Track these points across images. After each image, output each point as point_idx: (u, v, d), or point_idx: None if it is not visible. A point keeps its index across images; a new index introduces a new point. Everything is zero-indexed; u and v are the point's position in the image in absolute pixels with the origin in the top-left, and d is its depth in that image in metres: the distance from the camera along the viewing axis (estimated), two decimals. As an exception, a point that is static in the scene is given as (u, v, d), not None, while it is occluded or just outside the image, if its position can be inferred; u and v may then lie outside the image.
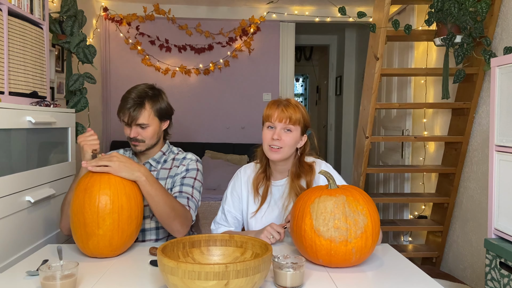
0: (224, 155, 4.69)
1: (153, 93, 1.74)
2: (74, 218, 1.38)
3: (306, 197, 1.38)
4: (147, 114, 1.69)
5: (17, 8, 2.05)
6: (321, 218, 1.30)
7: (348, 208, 1.30)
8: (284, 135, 1.57)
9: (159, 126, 1.75)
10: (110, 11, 4.67)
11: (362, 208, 1.31)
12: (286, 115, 1.56)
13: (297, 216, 1.36)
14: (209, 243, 1.24)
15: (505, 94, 1.67)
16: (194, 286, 0.97)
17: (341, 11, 2.73)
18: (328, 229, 1.28)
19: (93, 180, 1.40)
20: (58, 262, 1.17)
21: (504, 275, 1.56)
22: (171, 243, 1.17)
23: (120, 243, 1.41)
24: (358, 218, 1.30)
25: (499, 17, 2.47)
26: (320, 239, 1.29)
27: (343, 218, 1.29)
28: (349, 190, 1.37)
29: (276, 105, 1.58)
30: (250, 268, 0.99)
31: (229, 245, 1.24)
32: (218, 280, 0.96)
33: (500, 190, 1.69)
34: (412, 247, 3.17)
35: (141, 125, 1.69)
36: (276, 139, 1.56)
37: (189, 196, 1.69)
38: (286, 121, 1.56)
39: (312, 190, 1.41)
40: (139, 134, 1.70)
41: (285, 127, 1.57)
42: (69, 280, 1.10)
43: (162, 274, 1.04)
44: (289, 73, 5.00)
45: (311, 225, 1.31)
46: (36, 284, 1.18)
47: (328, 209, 1.30)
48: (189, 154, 1.83)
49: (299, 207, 1.37)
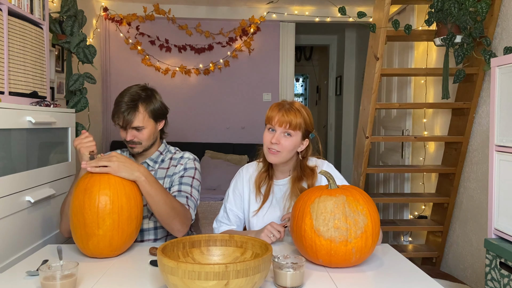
0: (224, 155, 4.69)
1: (146, 94, 1.73)
2: (74, 218, 1.39)
3: (306, 197, 1.38)
4: (142, 116, 1.68)
5: (17, 8, 2.05)
6: (321, 218, 1.30)
7: (348, 208, 1.30)
8: (283, 139, 1.57)
9: (154, 127, 1.75)
10: (110, 11, 4.67)
11: (362, 208, 1.31)
12: (286, 119, 1.55)
13: (297, 216, 1.36)
14: (209, 243, 1.24)
15: (505, 94, 1.67)
16: (194, 286, 0.97)
17: (341, 11, 2.73)
18: (328, 229, 1.28)
19: (92, 180, 1.40)
20: (58, 262, 1.17)
21: (504, 275, 1.56)
22: (171, 243, 1.17)
23: (120, 243, 1.41)
24: (358, 218, 1.29)
25: (499, 17, 2.47)
26: (320, 239, 1.29)
27: (343, 218, 1.28)
28: (349, 190, 1.37)
29: (278, 109, 1.58)
30: (250, 268, 0.99)
31: (229, 245, 1.25)
32: (218, 280, 0.97)
33: (500, 190, 1.69)
34: (412, 247, 3.17)
35: (137, 128, 1.68)
36: (275, 143, 1.56)
37: (188, 195, 1.69)
38: (286, 126, 1.56)
39: (312, 190, 1.41)
40: (136, 137, 1.70)
41: (285, 131, 1.57)
42: (69, 280, 1.10)
43: (162, 274, 1.04)
44: (289, 73, 5.00)
45: (311, 225, 1.31)
46: (36, 284, 1.18)
47: (328, 209, 1.30)
48: (186, 153, 1.83)
49: (299, 207, 1.37)
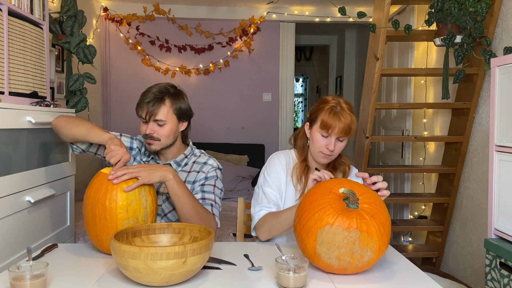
0: (224, 155, 4.70)
1: (174, 91, 1.69)
2: (90, 213, 1.40)
3: (321, 212, 1.23)
4: (166, 110, 1.63)
5: (17, 8, 2.05)
6: (325, 246, 1.21)
7: (357, 245, 1.20)
8: (337, 145, 1.58)
9: (176, 126, 1.68)
10: (110, 11, 4.67)
11: (373, 245, 1.21)
12: (346, 128, 1.54)
13: (304, 223, 1.25)
14: (149, 232, 1.35)
15: (505, 94, 1.67)
16: (156, 266, 1.10)
17: (341, 11, 2.73)
18: (330, 257, 1.22)
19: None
20: (27, 262, 1.16)
21: (504, 275, 1.56)
22: (117, 234, 1.25)
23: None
24: (365, 254, 1.21)
25: (499, 17, 2.47)
26: (318, 260, 1.24)
27: (348, 253, 1.21)
28: (366, 220, 1.21)
29: (338, 117, 1.54)
30: (203, 247, 1.15)
31: (167, 233, 1.36)
32: (178, 259, 1.10)
33: (500, 190, 1.69)
34: (412, 247, 3.17)
35: (158, 122, 1.63)
36: (331, 150, 1.57)
37: (213, 202, 1.66)
38: (343, 133, 1.55)
39: (329, 204, 1.25)
40: (155, 132, 1.64)
41: (341, 138, 1.58)
42: (39, 280, 1.10)
43: (121, 260, 1.12)
44: (289, 73, 5.01)
45: (313, 246, 1.23)
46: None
47: (335, 242, 1.20)
48: (210, 160, 1.76)
49: (309, 215, 1.25)
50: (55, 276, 1.23)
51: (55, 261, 1.36)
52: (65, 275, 1.26)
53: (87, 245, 1.54)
